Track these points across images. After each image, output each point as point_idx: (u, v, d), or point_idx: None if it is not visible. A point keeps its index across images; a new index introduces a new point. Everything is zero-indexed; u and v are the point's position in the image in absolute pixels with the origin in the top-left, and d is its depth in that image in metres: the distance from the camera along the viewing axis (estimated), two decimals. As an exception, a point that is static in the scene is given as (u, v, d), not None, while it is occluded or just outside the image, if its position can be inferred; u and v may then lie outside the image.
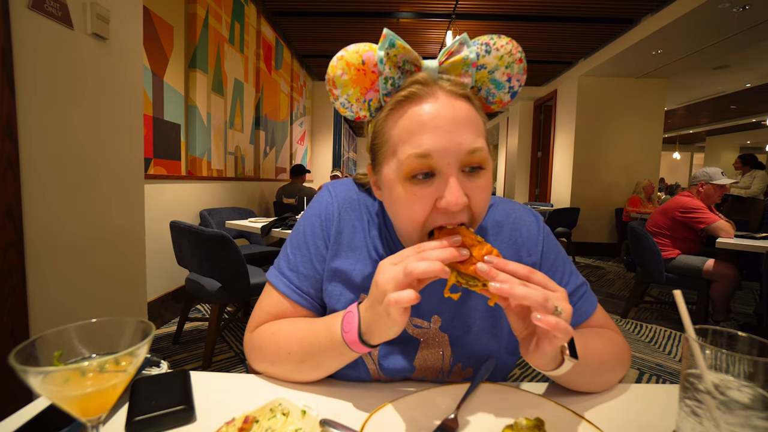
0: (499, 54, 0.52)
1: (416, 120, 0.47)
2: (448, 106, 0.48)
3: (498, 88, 0.53)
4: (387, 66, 0.50)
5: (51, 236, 1.21)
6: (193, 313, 2.82)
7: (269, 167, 4.81)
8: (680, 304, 0.41)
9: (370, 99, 0.53)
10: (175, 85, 2.76)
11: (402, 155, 0.47)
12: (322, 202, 0.64)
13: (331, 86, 0.53)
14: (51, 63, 1.18)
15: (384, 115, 0.51)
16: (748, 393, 0.36)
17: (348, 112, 0.54)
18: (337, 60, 0.52)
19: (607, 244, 5.80)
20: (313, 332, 0.55)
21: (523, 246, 0.62)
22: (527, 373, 2.10)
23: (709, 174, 2.64)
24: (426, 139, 0.46)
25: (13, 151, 1.07)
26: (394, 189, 0.49)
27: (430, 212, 0.48)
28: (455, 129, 0.47)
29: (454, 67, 0.51)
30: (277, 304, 0.62)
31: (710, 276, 2.50)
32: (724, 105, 8.36)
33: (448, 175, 0.46)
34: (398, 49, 0.49)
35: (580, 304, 0.62)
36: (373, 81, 0.52)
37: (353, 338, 0.49)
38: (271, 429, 0.42)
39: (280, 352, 0.56)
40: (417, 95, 0.48)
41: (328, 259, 0.61)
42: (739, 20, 3.60)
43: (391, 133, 0.50)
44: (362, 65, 0.51)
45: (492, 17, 4.45)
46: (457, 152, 0.46)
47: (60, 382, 0.31)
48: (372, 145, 0.54)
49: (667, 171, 14.20)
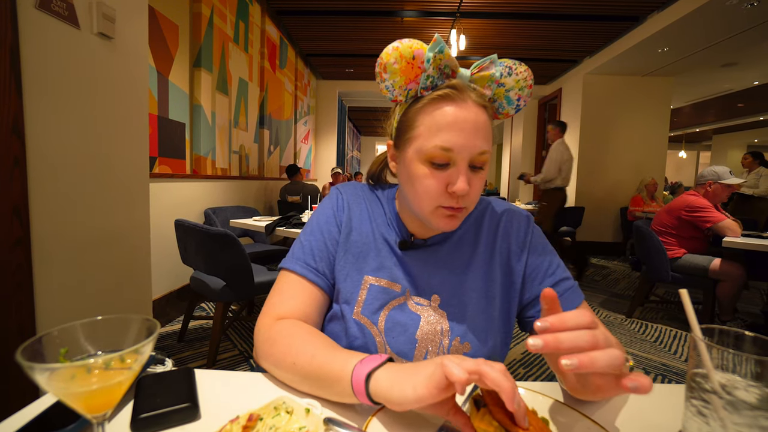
0: (517, 78, 0.61)
1: (447, 118, 0.57)
2: (472, 113, 0.57)
3: (509, 104, 0.64)
4: (432, 66, 0.58)
5: (57, 234, 1.22)
6: (198, 311, 2.83)
7: (273, 166, 4.82)
8: (686, 303, 0.41)
9: (410, 88, 0.62)
10: (180, 85, 2.77)
11: (429, 143, 0.57)
12: (333, 198, 0.74)
13: (381, 69, 0.61)
14: (58, 62, 1.19)
15: (420, 105, 0.60)
16: (755, 393, 0.36)
17: (389, 94, 0.63)
18: (392, 49, 0.60)
19: (612, 243, 5.77)
20: (328, 358, 0.52)
21: (512, 235, 0.69)
22: (531, 372, 2.10)
23: (717, 173, 2.61)
24: (452, 136, 0.56)
25: (20, 150, 1.08)
26: (415, 166, 0.60)
27: (441, 192, 0.58)
28: (474, 133, 0.57)
29: (481, 80, 0.60)
30: (293, 285, 0.66)
31: (716, 275, 2.47)
32: (731, 103, 8.27)
33: (461, 167, 0.57)
34: (444, 55, 0.58)
35: (567, 296, 0.65)
36: (417, 75, 0.60)
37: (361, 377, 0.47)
38: (275, 427, 0.43)
39: (286, 358, 0.55)
40: (451, 97, 0.58)
41: (341, 242, 0.69)
42: (747, 17, 3.56)
43: (423, 120, 0.59)
44: (412, 60, 0.59)
45: (497, 15, 4.43)
46: (471, 151, 0.57)
47: (66, 379, 0.32)
48: (400, 124, 0.64)
49: (673, 170, 14.08)
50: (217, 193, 3.34)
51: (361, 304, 0.66)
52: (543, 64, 6.02)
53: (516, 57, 5.64)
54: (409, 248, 0.68)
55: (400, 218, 0.71)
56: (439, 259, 0.68)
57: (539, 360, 2.24)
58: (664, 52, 4.59)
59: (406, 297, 0.66)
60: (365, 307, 0.66)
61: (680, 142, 13.16)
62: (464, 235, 0.69)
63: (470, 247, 0.69)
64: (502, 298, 0.68)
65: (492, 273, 0.67)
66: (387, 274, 0.67)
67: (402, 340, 0.64)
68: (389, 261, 0.68)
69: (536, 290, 0.67)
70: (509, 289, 0.68)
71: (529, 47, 5.37)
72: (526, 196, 7.78)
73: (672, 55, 4.68)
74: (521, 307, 0.69)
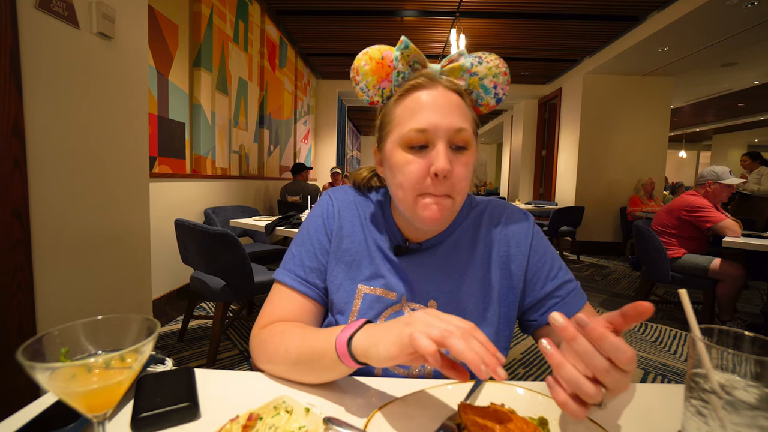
0: (488, 66, 0.62)
1: (419, 102, 0.58)
2: (444, 95, 0.58)
3: (486, 93, 0.64)
4: (401, 63, 0.61)
5: (58, 235, 1.22)
6: (198, 311, 2.84)
7: (273, 166, 4.82)
8: (686, 303, 0.41)
9: (383, 87, 0.64)
10: (179, 84, 2.77)
11: (404, 129, 0.58)
12: (324, 205, 0.72)
13: (354, 74, 0.64)
14: (57, 62, 1.19)
15: (393, 99, 0.62)
16: (754, 393, 0.36)
17: (365, 96, 0.65)
18: (362, 54, 0.63)
19: (612, 243, 5.77)
20: (315, 336, 0.55)
21: (513, 238, 0.68)
22: (530, 372, 2.10)
23: (717, 173, 2.61)
24: (425, 116, 0.57)
25: (20, 151, 1.08)
26: (394, 156, 0.59)
27: (423, 177, 0.57)
28: (448, 112, 0.57)
29: (453, 71, 0.61)
30: (285, 297, 0.66)
31: (716, 275, 2.47)
32: (731, 103, 8.26)
33: (439, 147, 0.56)
34: (411, 50, 0.61)
35: (569, 299, 0.65)
36: (388, 73, 0.63)
37: (343, 340, 0.50)
38: (275, 426, 0.43)
39: (279, 348, 0.57)
40: (422, 85, 0.59)
41: (332, 251, 0.68)
42: (747, 16, 3.56)
43: (396, 112, 0.60)
44: (381, 60, 0.62)
45: (496, 15, 4.42)
46: (447, 129, 0.57)
47: (66, 378, 0.32)
48: (380, 126, 0.65)
49: (673, 169, 14.08)
50: (217, 193, 3.34)
51: (355, 315, 0.65)
52: (543, 64, 6.02)
53: (516, 57, 5.69)
54: (404, 253, 0.67)
55: (395, 222, 0.69)
56: (435, 263, 0.66)
57: (539, 360, 2.24)
58: (664, 52, 4.59)
59: (402, 304, 0.65)
60: (360, 317, 0.64)
61: (680, 141, 13.16)
62: (461, 237, 0.67)
63: (467, 250, 0.67)
64: (501, 303, 0.66)
65: (490, 277, 0.66)
66: (382, 282, 0.65)
67: None
68: (383, 268, 0.66)
69: (538, 294, 0.65)
70: (508, 294, 0.66)
71: (529, 47, 5.36)
72: (526, 195, 7.78)
73: (672, 55, 4.68)
74: (522, 311, 0.68)
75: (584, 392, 0.39)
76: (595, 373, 0.39)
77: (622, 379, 0.39)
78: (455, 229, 0.68)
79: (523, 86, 7.10)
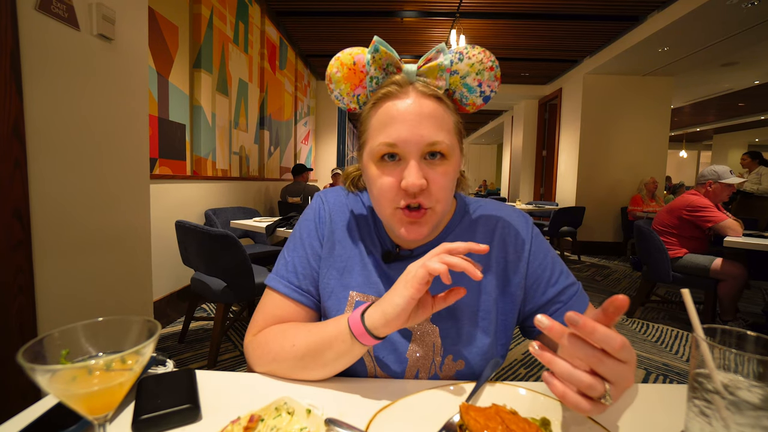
0: (470, 62, 0.57)
1: (389, 114, 0.56)
2: (415, 104, 0.55)
3: (470, 92, 0.59)
4: (373, 67, 0.58)
5: (58, 236, 1.22)
6: (199, 312, 2.83)
7: (274, 167, 4.82)
8: (688, 303, 0.41)
9: (358, 94, 0.61)
10: (180, 86, 2.77)
11: (375, 143, 0.56)
12: (315, 208, 0.71)
13: (328, 81, 0.62)
14: (58, 64, 1.19)
15: (367, 108, 0.60)
16: (757, 393, 0.36)
17: (341, 104, 0.63)
18: (334, 60, 0.61)
19: (613, 243, 5.76)
20: (323, 326, 0.57)
21: (511, 244, 0.65)
22: (532, 372, 2.10)
23: (717, 173, 2.61)
24: (393, 130, 0.54)
25: (20, 152, 1.08)
26: (368, 169, 0.58)
27: (396, 191, 0.55)
28: (419, 123, 0.54)
29: (431, 72, 0.58)
30: (279, 305, 0.65)
31: (718, 275, 2.47)
32: (731, 102, 8.26)
33: (409, 161, 0.54)
34: (381, 53, 0.57)
35: (571, 303, 0.63)
36: (362, 79, 0.60)
37: (357, 319, 0.52)
38: (277, 428, 0.43)
39: (285, 344, 0.57)
40: (393, 93, 0.56)
41: (324, 256, 0.66)
42: (747, 16, 3.56)
43: (369, 123, 0.58)
44: (353, 65, 0.59)
45: (497, 15, 4.42)
46: (418, 143, 0.54)
47: (67, 380, 0.32)
48: (359, 133, 0.63)
49: (673, 169, 14.07)
50: (218, 194, 3.34)
51: None
52: (543, 64, 6.02)
53: (516, 57, 5.69)
54: (395, 260, 0.64)
55: (384, 227, 0.66)
56: None
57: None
58: (664, 52, 4.59)
59: None
60: None
61: (681, 141, 13.15)
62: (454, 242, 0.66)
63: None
64: (498, 311, 0.64)
65: (487, 285, 0.63)
66: (374, 289, 0.64)
67: (392, 359, 0.62)
68: (375, 275, 0.64)
69: (539, 301, 0.64)
70: (506, 302, 0.64)
71: (529, 47, 5.36)
72: (526, 196, 7.78)
73: (672, 55, 4.68)
74: (524, 317, 0.66)
75: (579, 382, 0.40)
76: (590, 364, 0.40)
77: (620, 369, 0.39)
78: (448, 234, 0.65)
79: (523, 86, 7.10)
